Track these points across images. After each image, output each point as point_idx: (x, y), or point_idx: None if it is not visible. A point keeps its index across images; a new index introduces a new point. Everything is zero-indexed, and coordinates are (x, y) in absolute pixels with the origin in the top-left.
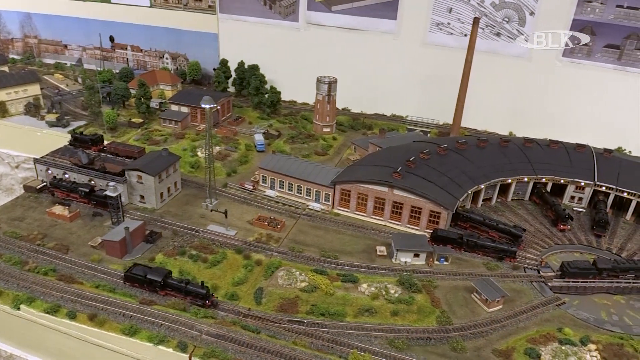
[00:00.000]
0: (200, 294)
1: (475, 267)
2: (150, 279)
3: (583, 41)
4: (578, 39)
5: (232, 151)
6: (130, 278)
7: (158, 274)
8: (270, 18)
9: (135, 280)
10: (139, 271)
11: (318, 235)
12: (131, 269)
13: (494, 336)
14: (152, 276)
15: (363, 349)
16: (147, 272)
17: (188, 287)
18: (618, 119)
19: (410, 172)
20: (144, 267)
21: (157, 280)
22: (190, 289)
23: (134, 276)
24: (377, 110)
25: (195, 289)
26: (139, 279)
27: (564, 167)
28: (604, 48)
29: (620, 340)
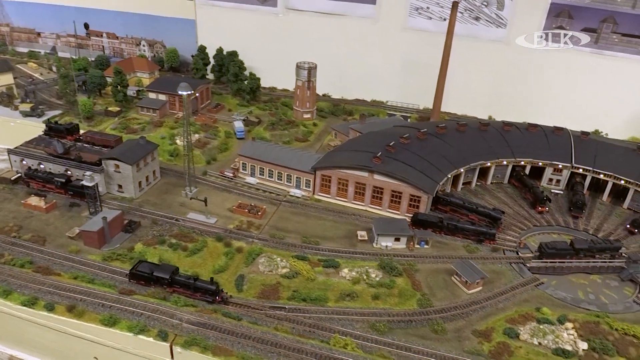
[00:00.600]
0: (209, 290)
1: (455, 250)
2: (157, 277)
3: (583, 41)
4: (558, 24)
5: (211, 139)
6: (136, 275)
7: (165, 271)
8: (248, 3)
9: (141, 278)
10: (145, 268)
11: (299, 221)
12: (136, 266)
13: (474, 317)
14: (159, 273)
15: (345, 333)
16: (153, 269)
17: (197, 284)
18: (595, 102)
19: (391, 157)
20: (150, 264)
21: (165, 278)
22: (199, 285)
23: (140, 274)
24: (357, 96)
25: (204, 285)
26: (145, 277)
27: (542, 150)
28: (582, 32)
29: (597, 319)
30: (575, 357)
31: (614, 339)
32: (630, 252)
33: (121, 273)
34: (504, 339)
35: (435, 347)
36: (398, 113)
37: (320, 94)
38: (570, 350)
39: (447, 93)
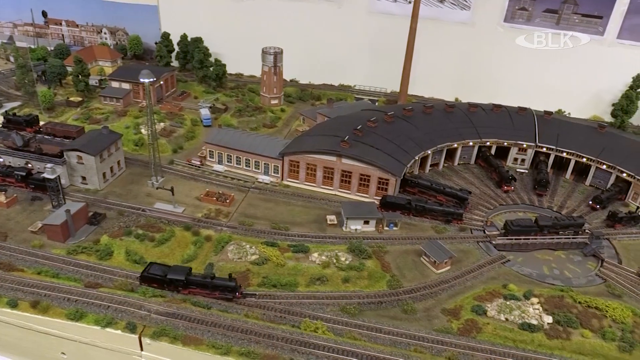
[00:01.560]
0: (229, 287)
1: (424, 231)
2: (171, 279)
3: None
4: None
5: (177, 127)
6: (148, 278)
7: (180, 273)
8: None
9: (153, 281)
10: (157, 270)
11: (268, 207)
12: (147, 268)
13: (443, 296)
14: (173, 275)
15: (315, 317)
16: (166, 271)
17: (214, 282)
18: (558, 81)
19: (358, 141)
20: (162, 266)
21: (180, 280)
22: (217, 284)
23: (152, 276)
24: (325, 81)
25: (223, 282)
26: (158, 279)
27: (507, 130)
28: (543, 13)
29: (561, 293)
30: (541, 331)
31: (577, 312)
32: (593, 229)
33: (87, 266)
34: (472, 316)
35: (405, 327)
36: (366, 97)
37: (287, 80)
38: (536, 325)
39: (413, 76)
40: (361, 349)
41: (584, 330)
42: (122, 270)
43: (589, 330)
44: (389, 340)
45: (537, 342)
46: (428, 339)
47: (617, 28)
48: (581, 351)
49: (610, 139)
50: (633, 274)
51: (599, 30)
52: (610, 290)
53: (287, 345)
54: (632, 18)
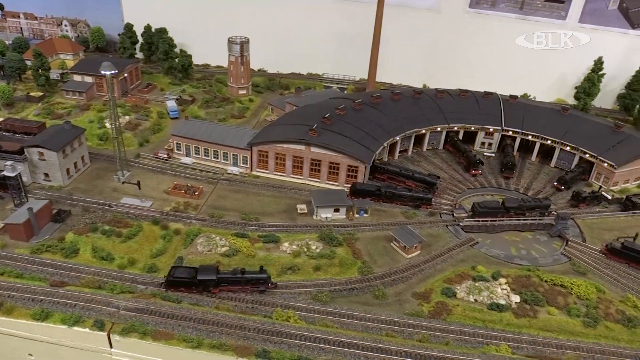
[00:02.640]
0: (262, 279)
1: (394, 216)
2: (202, 280)
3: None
4: None
5: (143, 120)
6: (175, 283)
7: (210, 272)
8: None
9: (180, 285)
10: (184, 273)
11: (238, 199)
12: (172, 273)
13: (414, 280)
14: (204, 276)
15: (287, 306)
16: (194, 272)
17: (246, 276)
18: (522, 66)
19: (327, 129)
20: (186, 268)
21: (211, 279)
22: (249, 278)
23: (179, 280)
24: (293, 70)
25: (254, 275)
26: (186, 282)
27: (474, 115)
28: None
29: (528, 272)
30: (509, 310)
31: (543, 290)
32: (559, 210)
33: (52, 265)
34: (442, 298)
35: (377, 312)
36: (334, 85)
37: (255, 69)
38: (504, 304)
39: (382, 63)
40: (333, 336)
41: (550, 307)
42: (89, 267)
43: (555, 308)
44: (361, 326)
45: (505, 321)
46: (399, 323)
47: (578, 12)
48: (548, 328)
49: (574, 121)
50: (596, 252)
51: (562, 14)
52: (575, 268)
53: (259, 336)
54: (592, 2)
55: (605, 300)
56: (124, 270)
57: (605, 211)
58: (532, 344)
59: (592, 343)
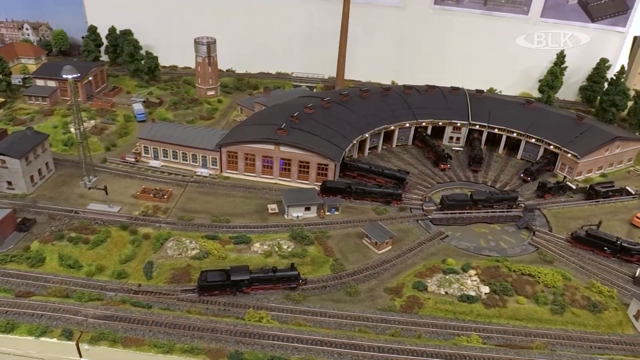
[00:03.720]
0: (293, 277)
1: (365, 213)
2: (235, 281)
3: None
4: None
5: (109, 124)
6: (208, 287)
7: (243, 273)
8: None
9: (214, 288)
10: (217, 277)
11: (208, 200)
12: (203, 278)
13: (385, 276)
14: (237, 277)
15: (259, 306)
16: (226, 275)
17: (278, 275)
18: (488, 61)
19: (296, 128)
20: (216, 271)
21: (245, 279)
22: (280, 276)
23: (213, 284)
24: (262, 69)
25: (286, 273)
26: (219, 285)
27: (442, 110)
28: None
29: (497, 263)
30: (479, 301)
31: (512, 280)
32: (526, 201)
33: (17, 275)
34: (413, 292)
35: (349, 309)
36: (303, 84)
37: (224, 70)
38: (474, 295)
39: (350, 61)
40: (306, 335)
41: (519, 297)
42: (56, 276)
43: (524, 297)
44: (334, 324)
45: (475, 312)
46: (372, 318)
47: (540, 7)
48: (517, 317)
49: (538, 113)
50: (562, 240)
51: (524, 9)
52: (542, 257)
53: (232, 338)
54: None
55: (571, 287)
56: (92, 277)
57: (570, 200)
58: (502, 333)
59: (559, 329)
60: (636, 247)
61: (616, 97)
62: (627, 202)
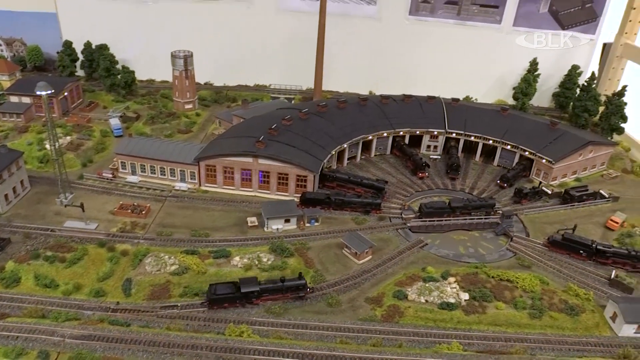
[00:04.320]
0: (301, 285)
1: (344, 223)
2: (246, 292)
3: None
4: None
5: (85, 139)
6: (218, 300)
7: (252, 284)
8: None
9: (224, 301)
10: (226, 289)
11: (187, 215)
12: (213, 291)
13: (366, 285)
14: (247, 288)
15: (240, 321)
16: (235, 287)
17: (287, 284)
18: (463, 69)
19: (274, 140)
20: (225, 283)
21: (255, 291)
22: (289, 285)
23: (223, 297)
24: (240, 82)
25: (293, 282)
26: (230, 297)
27: (418, 119)
28: (445, 5)
29: (475, 269)
30: (459, 308)
31: (491, 286)
32: (503, 207)
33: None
34: (394, 301)
35: (331, 320)
36: (282, 96)
37: (202, 83)
38: (454, 302)
39: (328, 72)
40: (287, 348)
41: (498, 302)
42: (32, 296)
43: (502, 302)
44: (315, 335)
45: (456, 319)
46: (353, 329)
47: (512, 16)
48: (496, 322)
49: (513, 120)
50: (539, 245)
51: (497, 19)
52: (520, 262)
53: (212, 354)
54: (525, 6)
55: (549, 291)
56: (69, 296)
57: (546, 205)
58: (482, 340)
59: (538, 333)
60: (611, 249)
61: (588, 102)
62: (601, 206)
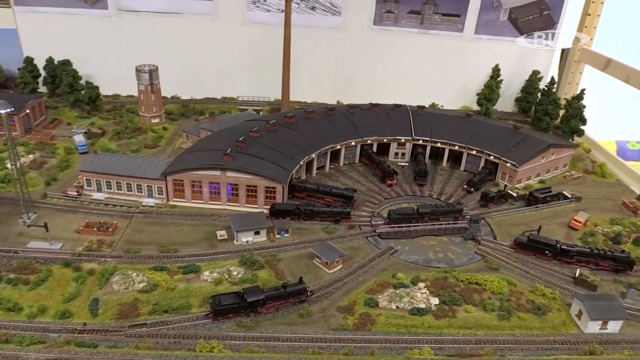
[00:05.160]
0: (302, 290)
1: (315, 233)
2: (252, 302)
3: None
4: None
5: (48, 157)
6: (224, 311)
7: (257, 293)
8: (75, 7)
9: (229, 312)
10: (231, 299)
11: (155, 231)
12: (217, 302)
13: (337, 294)
14: (253, 298)
15: (211, 336)
16: (239, 297)
17: (289, 290)
18: (428, 77)
19: (242, 152)
20: (229, 294)
21: (260, 299)
22: (291, 291)
23: (229, 307)
24: (207, 95)
25: (295, 287)
26: (235, 307)
27: (386, 127)
28: (408, 14)
29: (445, 274)
30: (429, 313)
31: (460, 290)
32: (471, 211)
33: None
34: (365, 309)
35: (303, 331)
36: (250, 107)
37: (168, 97)
38: (425, 308)
39: (295, 83)
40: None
41: (467, 305)
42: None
43: (472, 305)
44: (287, 347)
45: (426, 324)
46: (325, 339)
47: (473, 24)
48: (466, 326)
49: (477, 126)
50: (506, 247)
51: (459, 27)
52: (488, 264)
53: None
54: (485, 15)
55: (516, 292)
56: (33, 319)
57: (511, 208)
58: (453, 343)
59: (507, 334)
60: (574, 248)
61: (549, 106)
62: (565, 206)
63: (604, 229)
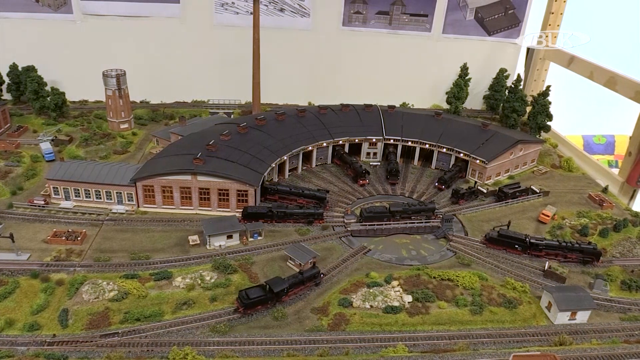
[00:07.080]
0: (316, 274)
1: (288, 235)
2: (278, 291)
3: None
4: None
5: (14, 166)
6: (253, 304)
7: (282, 283)
8: (38, 12)
9: (258, 304)
10: (257, 292)
11: (125, 238)
12: (245, 296)
13: (312, 296)
14: (278, 287)
15: (184, 343)
16: (266, 289)
17: (305, 275)
18: (398, 77)
19: (212, 156)
20: (253, 287)
21: (284, 288)
22: (307, 276)
23: (256, 300)
24: (177, 99)
25: (310, 272)
26: (262, 299)
27: (357, 127)
28: (376, 15)
29: (418, 272)
30: (403, 311)
31: (433, 287)
32: (442, 208)
33: None
34: (339, 309)
35: (277, 334)
36: (221, 111)
37: (138, 101)
38: (398, 306)
39: (266, 85)
40: None
41: (440, 302)
42: None
43: (444, 301)
44: (262, 351)
45: (400, 322)
46: (300, 340)
47: (441, 24)
48: (439, 322)
49: (447, 124)
50: (477, 243)
51: (427, 27)
52: (460, 260)
53: None
54: (452, 14)
55: (488, 286)
56: (0, 333)
57: (482, 204)
58: (427, 340)
59: (480, 329)
60: (543, 242)
61: (516, 103)
62: (533, 201)
63: (571, 221)
